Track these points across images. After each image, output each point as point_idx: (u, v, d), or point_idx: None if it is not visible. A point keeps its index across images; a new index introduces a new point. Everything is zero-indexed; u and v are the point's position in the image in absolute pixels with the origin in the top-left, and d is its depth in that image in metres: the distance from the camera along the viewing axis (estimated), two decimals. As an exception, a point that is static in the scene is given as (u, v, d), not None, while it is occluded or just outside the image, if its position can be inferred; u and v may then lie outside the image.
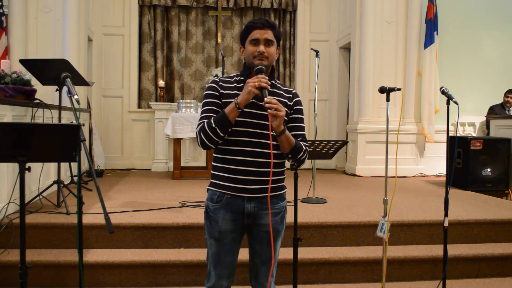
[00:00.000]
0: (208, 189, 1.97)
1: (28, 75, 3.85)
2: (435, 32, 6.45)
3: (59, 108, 3.91)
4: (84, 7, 6.26)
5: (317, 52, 4.58)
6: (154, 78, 7.41)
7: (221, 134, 1.82)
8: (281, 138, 1.81)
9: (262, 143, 1.87)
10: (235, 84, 1.93)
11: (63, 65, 3.64)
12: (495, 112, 6.57)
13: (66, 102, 4.39)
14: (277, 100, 1.82)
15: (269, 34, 1.88)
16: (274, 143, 1.84)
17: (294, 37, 7.72)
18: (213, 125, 1.81)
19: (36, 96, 3.87)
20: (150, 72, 7.38)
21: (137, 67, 7.31)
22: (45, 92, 4.40)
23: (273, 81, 1.94)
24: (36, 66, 3.76)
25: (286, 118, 1.92)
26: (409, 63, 6.55)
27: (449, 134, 3.09)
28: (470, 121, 6.84)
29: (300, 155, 1.91)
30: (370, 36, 6.44)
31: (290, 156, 1.89)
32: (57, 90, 3.82)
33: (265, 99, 1.72)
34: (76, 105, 2.29)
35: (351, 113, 6.90)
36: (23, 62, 3.73)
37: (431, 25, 6.42)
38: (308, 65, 7.48)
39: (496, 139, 5.42)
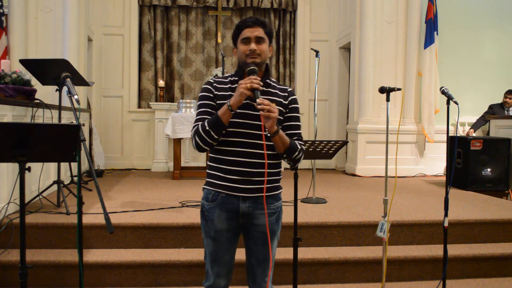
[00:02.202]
0: (203, 188, 1.98)
1: (28, 75, 3.85)
2: (435, 32, 6.45)
3: (59, 108, 3.91)
4: (84, 7, 6.26)
5: (317, 52, 4.58)
6: (154, 78, 7.41)
7: (215, 137, 1.83)
8: (275, 139, 1.81)
9: (256, 143, 1.86)
10: (229, 85, 1.93)
11: (63, 65, 3.64)
12: (493, 111, 6.57)
13: (66, 102, 4.39)
14: (272, 99, 1.82)
15: (259, 32, 1.87)
16: (268, 143, 1.83)
17: (294, 37, 7.72)
18: (207, 128, 1.82)
19: (36, 96, 3.87)
20: (150, 72, 7.38)
21: (137, 67, 7.31)
22: (45, 92, 4.40)
23: (267, 80, 1.94)
24: (36, 66, 3.76)
25: (281, 118, 1.92)
26: (409, 63, 6.55)
27: (449, 134, 3.09)
28: (470, 121, 6.84)
29: (295, 155, 1.91)
30: (370, 36, 6.44)
31: (285, 155, 1.90)
32: (57, 90, 3.82)
33: (257, 100, 1.71)
34: (76, 105, 2.29)
35: (351, 113, 6.90)
36: (23, 62, 3.73)
37: (431, 25, 6.42)
38: (308, 65, 7.48)
39: (496, 139, 5.42)
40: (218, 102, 1.89)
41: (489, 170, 5.31)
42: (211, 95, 1.91)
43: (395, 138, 3.07)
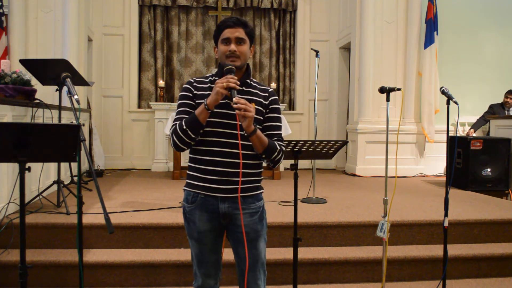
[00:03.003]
0: (184, 189, 1.96)
1: (28, 75, 3.85)
2: (435, 32, 6.45)
3: (59, 108, 3.91)
4: (84, 7, 6.26)
5: (317, 52, 4.58)
6: (154, 78, 7.41)
7: (193, 136, 1.82)
8: (253, 138, 1.80)
9: (234, 143, 1.84)
10: (209, 84, 1.92)
11: (63, 65, 3.64)
12: (494, 110, 6.57)
13: (66, 102, 4.39)
14: (252, 99, 1.82)
15: (240, 32, 1.86)
16: (246, 143, 1.83)
17: (294, 37, 7.72)
18: (184, 127, 1.80)
19: (36, 96, 3.87)
20: (150, 72, 7.38)
21: (137, 67, 7.31)
22: (45, 92, 4.40)
23: (247, 80, 1.93)
24: (36, 66, 3.76)
25: (261, 118, 1.91)
26: (409, 63, 6.55)
27: (449, 134, 3.09)
28: (470, 121, 6.84)
29: (274, 155, 1.89)
30: (370, 36, 6.44)
31: (264, 156, 1.88)
32: (57, 90, 3.82)
33: (233, 99, 1.70)
34: (76, 105, 2.29)
35: (351, 113, 6.90)
36: (23, 62, 3.73)
37: (431, 25, 6.42)
38: (308, 65, 7.48)
39: (496, 139, 5.42)
40: (197, 101, 1.88)
41: (489, 170, 5.31)
42: (191, 95, 1.90)
43: (395, 138, 3.07)
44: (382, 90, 2.79)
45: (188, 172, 1.95)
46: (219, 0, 7.41)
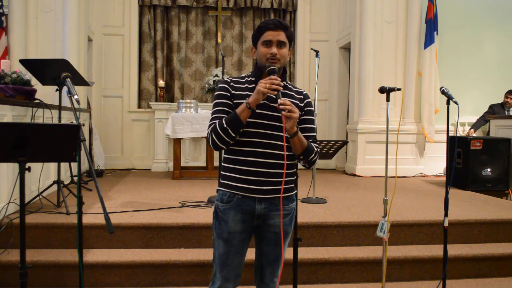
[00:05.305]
0: (218, 190, 1.96)
1: (28, 75, 3.85)
2: (435, 32, 6.45)
3: (59, 108, 3.91)
4: (84, 7, 6.26)
5: (317, 52, 4.58)
6: (154, 78, 7.42)
7: (233, 135, 1.81)
8: (294, 140, 1.80)
9: (274, 144, 1.85)
10: (246, 84, 1.92)
11: (63, 65, 3.64)
12: (494, 110, 6.57)
13: (66, 102, 4.39)
14: (289, 101, 1.81)
15: (281, 36, 1.86)
16: (286, 144, 1.82)
17: (294, 37, 7.72)
18: (225, 126, 1.80)
19: (36, 96, 3.87)
20: (150, 72, 7.38)
21: (137, 67, 7.31)
22: (45, 92, 4.40)
23: (284, 82, 1.92)
24: (36, 66, 3.77)
25: (298, 120, 1.91)
26: (409, 63, 6.55)
27: (449, 134, 3.09)
28: (470, 121, 6.84)
29: (311, 156, 1.90)
30: (370, 36, 6.44)
31: (301, 157, 1.89)
32: (57, 90, 3.82)
33: (279, 100, 1.70)
34: (76, 105, 2.30)
35: (351, 113, 6.90)
36: (23, 62, 3.73)
37: (431, 25, 6.42)
38: (308, 65, 7.48)
39: (496, 139, 5.42)
40: (235, 101, 1.88)
41: (489, 170, 5.31)
42: (228, 94, 1.90)
43: (395, 138, 3.07)
44: (382, 90, 2.79)
45: (223, 172, 1.94)
46: (219, 0, 7.42)
